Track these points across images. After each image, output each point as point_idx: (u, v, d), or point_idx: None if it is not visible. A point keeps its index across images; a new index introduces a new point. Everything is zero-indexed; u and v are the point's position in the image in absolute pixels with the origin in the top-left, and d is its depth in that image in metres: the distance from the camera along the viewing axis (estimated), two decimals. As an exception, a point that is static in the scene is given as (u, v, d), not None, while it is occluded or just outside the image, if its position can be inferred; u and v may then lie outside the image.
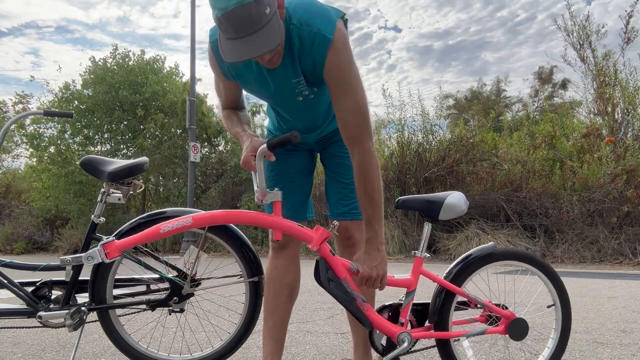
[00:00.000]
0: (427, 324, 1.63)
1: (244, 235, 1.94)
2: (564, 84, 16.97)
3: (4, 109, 16.73)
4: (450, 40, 35.85)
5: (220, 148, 12.36)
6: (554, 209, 7.38)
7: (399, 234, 7.66)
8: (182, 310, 1.92)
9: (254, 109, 11.83)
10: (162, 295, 1.89)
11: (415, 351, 1.61)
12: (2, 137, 2.08)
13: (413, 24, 38.03)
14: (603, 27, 9.02)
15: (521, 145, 8.53)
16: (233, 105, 1.69)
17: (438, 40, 36.39)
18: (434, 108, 18.61)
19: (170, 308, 1.89)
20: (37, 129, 12.31)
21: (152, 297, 1.90)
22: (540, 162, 8.00)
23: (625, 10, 9.09)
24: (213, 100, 14.04)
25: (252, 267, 1.89)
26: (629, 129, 8.12)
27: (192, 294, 1.91)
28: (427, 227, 1.63)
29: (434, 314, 1.61)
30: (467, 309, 1.66)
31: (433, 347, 1.67)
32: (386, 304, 1.60)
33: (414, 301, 1.62)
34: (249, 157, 1.47)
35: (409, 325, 1.60)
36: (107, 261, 1.47)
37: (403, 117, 9.00)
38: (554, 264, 6.65)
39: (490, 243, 1.70)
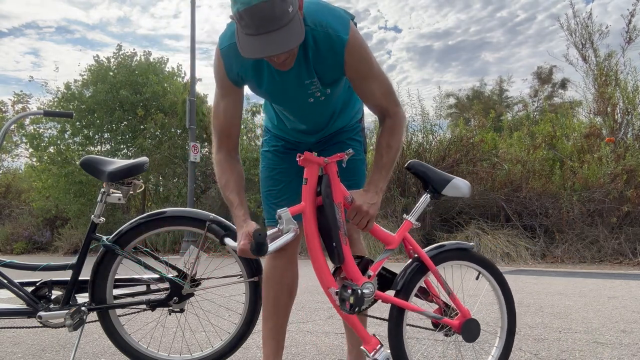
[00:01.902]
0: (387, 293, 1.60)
1: (244, 235, 1.94)
2: (563, 84, 16.98)
3: (4, 109, 16.72)
4: (450, 40, 35.85)
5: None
6: (554, 209, 7.37)
7: (399, 234, 7.64)
8: (182, 310, 1.92)
9: (254, 109, 11.83)
10: (162, 295, 1.89)
11: (367, 315, 1.59)
12: (2, 137, 2.08)
13: (413, 24, 38.02)
14: (606, 27, 9.01)
15: (521, 145, 8.53)
16: (231, 137, 1.59)
17: (438, 41, 36.39)
18: (433, 108, 18.62)
19: (170, 308, 1.89)
20: (37, 129, 12.31)
21: (152, 297, 1.90)
22: (540, 162, 8.00)
23: (627, 9, 9.09)
24: (213, 100, 14.01)
25: (252, 267, 1.89)
26: (629, 129, 8.12)
27: (192, 294, 1.91)
28: (425, 197, 1.65)
29: (401, 280, 1.59)
30: (423, 300, 1.65)
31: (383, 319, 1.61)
32: (358, 255, 1.58)
33: (384, 266, 1.60)
34: (246, 246, 1.40)
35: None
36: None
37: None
38: (554, 263, 6.65)
39: (471, 243, 1.72)
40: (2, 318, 1.85)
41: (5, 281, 1.83)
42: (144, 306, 1.88)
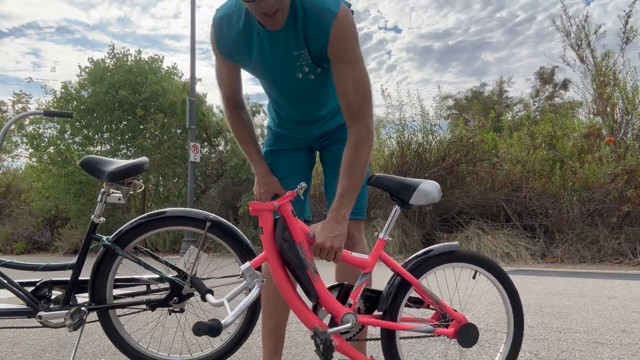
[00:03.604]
0: (376, 312, 1.57)
1: (244, 235, 1.94)
2: (564, 84, 16.97)
3: (4, 109, 16.72)
4: (450, 40, 35.83)
5: (220, 148, 12.36)
6: (554, 209, 7.37)
7: (399, 234, 7.65)
8: (182, 310, 1.92)
9: (254, 108, 11.82)
10: (162, 295, 1.89)
11: (357, 340, 1.55)
12: (2, 137, 2.08)
13: (413, 24, 38.00)
14: (600, 27, 9.02)
15: (521, 145, 8.53)
16: (234, 98, 1.68)
17: (438, 41, 36.37)
18: (433, 108, 18.63)
19: (170, 308, 1.89)
20: (37, 129, 12.30)
21: (152, 297, 1.90)
22: (540, 162, 8.00)
23: (624, 11, 9.10)
24: (213, 100, 14.03)
25: (252, 267, 1.88)
26: (629, 129, 8.12)
27: (192, 294, 1.91)
28: (395, 210, 1.58)
29: (385, 301, 1.54)
30: (419, 308, 1.61)
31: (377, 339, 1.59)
32: (337, 283, 1.54)
33: (368, 287, 1.56)
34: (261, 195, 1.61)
35: (358, 310, 1.53)
36: None
37: (403, 117, 9.01)
38: (554, 263, 6.65)
39: (455, 242, 1.66)
40: (2, 318, 1.85)
41: (5, 281, 1.83)
42: (144, 306, 1.88)
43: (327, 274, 1.64)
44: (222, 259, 2.19)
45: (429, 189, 1.56)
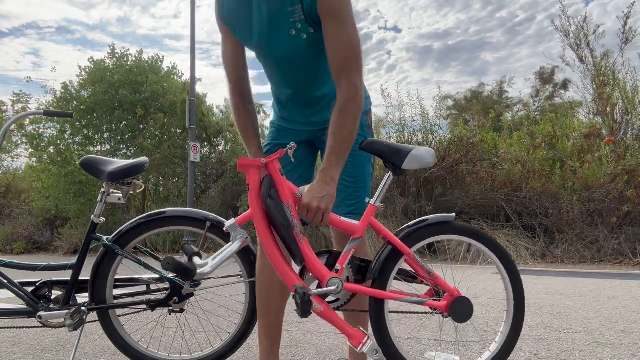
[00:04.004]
0: (366, 282, 1.52)
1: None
2: (564, 84, 16.98)
3: (4, 109, 16.72)
4: (450, 40, 35.84)
5: (220, 148, 12.35)
6: (554, 209, 7.38)
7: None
8: (182, 310, 1.92)
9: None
10: (162, 295, 1.89)
11: (346, 310, 1.50)
12: (2, 137, 2.08)
13: (413, 24, 38.02)
14: (599, 27, 9.03)
15: (521, 145, 8.53)
16: (240, 86, 1.68)
17: (438, 41, 36.38)
18: (433, 108, 18.63)
19: (170, 308, 1.89)
20: (37, 129, 12.30)
21: (152, 297, 1.90)
22: (540, 162, 8.00)
23: (623, 12, 9.12)
24: (213, 100, 14.01)
25: (252, 267, 1.89)
26: (629, 129, 8.12)
27: (192, 294, 1.91)
28: (388, 177, 1.53)
29: (375, 269, 1.49)
30: (411, 283, 1.55)
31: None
32: (326, 249, 1.50)
33: (358, 256, 1.52)
34: None
35: (347, 279, 1.48)
36: None
37: (403, 117, 9.01)
38: (554, 263, 6.65)
39: (451, 214, 1.59)
40: (2, 318, 1.85)
41: (5, 281, 1.83)
42: (144, 306, 1.88)
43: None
44: (222, 259, 2.19)
45: (422, 154, 1.50)
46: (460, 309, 1.51)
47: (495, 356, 1.60)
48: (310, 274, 1.46)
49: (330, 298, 1.48)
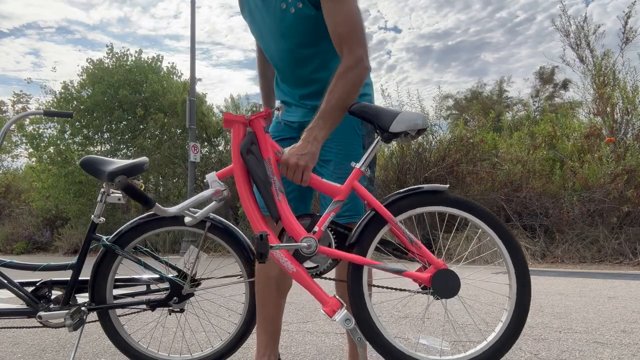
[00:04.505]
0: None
1: (244, 235, 1.94)
2: (564, 84, 16.99)
3: (4, 109, 16.73)
4: (449, 40, 35.87)
5: (220, 148, 12.36)
6: (554, 209, 7.37)
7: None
8: (182, 310, 1.92)
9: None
10: (162, 295, 1.89)
11: (327, 278, 1.44)
12: (2, 137, 2.08)
13: (413, 24, 38.05)
14: (599, 26, 9.03)
15: (521, 145, 8.53)
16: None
17: (438, 41, 36.41)
18: (433, 108, 18.64)
19: (170, 308, 1.89)
20: (37, 129, 12.31)
21: (152, 297, 1.90)
22: (540, 162, 8.00)
23: (623, 11, 9.13)
24: (213, 100, 14.01)
25: (252, 267, 1.89)
26: (629, 129, 8.12)
27: (192, 294, 1.91)
28: (377, 142, 1.47)
29: (354, 233, 1.42)
30: (400, 259, 1.46)
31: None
32: (307, 213, 1.46)
33: (340, 221, 1.47)
34: None
35: (329, 245, 1.42)
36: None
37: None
38: (554, 263, 6.65)
39: (445, 185, 1.49)
40: (2, 318, 1.85)
41: (5, 281, 1.82)
42: (144, 306, 1.88)
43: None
44: (222, 259, 2.19)
45: (410, 116, 1.42)
46: (444, 283, 1.38)
47: (491, 347, 1.44)
48: (289, 236, 1.43)
49: (309, 265, 1.44)
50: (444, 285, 1.38)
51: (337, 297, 1.40)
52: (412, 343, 1.52)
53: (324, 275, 1.48)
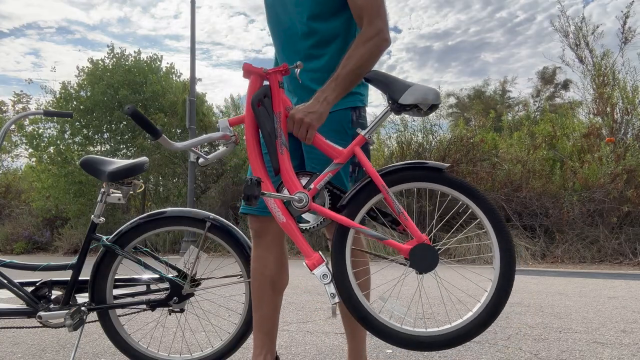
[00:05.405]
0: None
1: (244, 235, 1.94)
2: (565, 85, 16.99)
3: (4, 109, 16.74)
4: (449, 41, 35.88)
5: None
6: (554, 209, 7.37)
7: (397, 234, 7.65)
8: (182, 310, 1.92)
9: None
10: (162, 295, 1.89)
11: (310, 230, 1.45)
12: (2, 137, 2.08)
13: (413, 24, 38.04)
14: (598, 26, 9.03)
15: (521, 145, 8.54)
16: None
17: (438, 41, 36.42)
18: (433, 108, 18.56)
19: (170, 308, 1.89)
20: (37, 129, 12.31)
21: (152, 297, 1.90)
22: (540, 162, 8.00)
23: (622, 11, 9.13)
24: (213, 100, 14.04)
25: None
26: (629, 129, 8.12)
27: (192, 294, 1.91)
28: (385, 111, 1.47)
29: (346, 196, 1.44)
30: (395, 229, 1.46)
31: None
32: (308, 171, 1.49)
33: (337, 184, 1.48)
34: None
35: (323, 205, 1.44)
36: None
37: (403, 117, 9.01)
38: (554, 263, 6.65)
39: (446, 164, 1.49)
40: (2, 318, 1.85)
41: (5, 281, 1.82)
42: (144, 306, 1.88)
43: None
44: (222, 259, 2.19)
45: (423, 88, 1.40)
46: (422, 257, 1.38)
47: (476, 317, 1.41)
48: (286, 190, 1.45)
49: (303, 226, 1.47)
50: (421, 260, 1.39)
51: (320, 253, 1.43)
52: (378, 305, 1.52)
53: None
